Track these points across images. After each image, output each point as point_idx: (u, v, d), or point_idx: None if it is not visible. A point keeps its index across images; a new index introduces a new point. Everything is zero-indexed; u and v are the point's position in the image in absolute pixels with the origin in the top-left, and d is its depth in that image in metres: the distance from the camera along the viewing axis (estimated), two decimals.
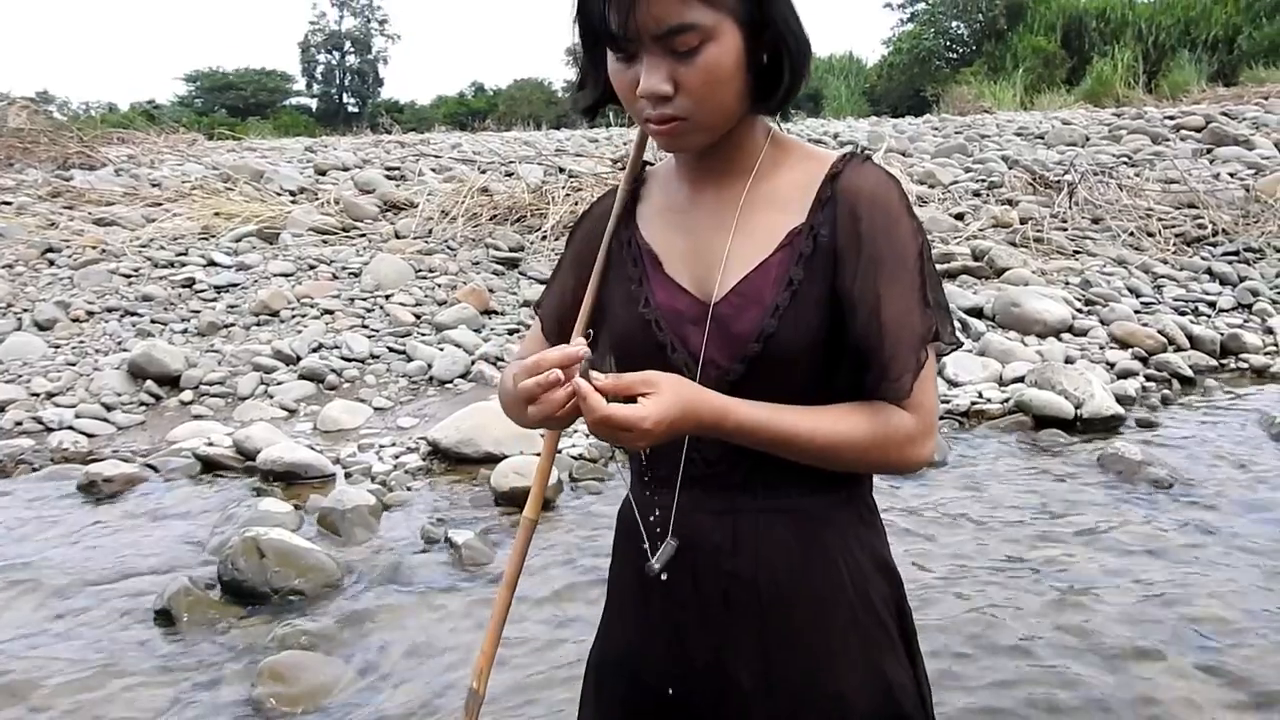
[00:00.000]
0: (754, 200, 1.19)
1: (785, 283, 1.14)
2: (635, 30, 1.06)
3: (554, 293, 1.35)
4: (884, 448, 1.13)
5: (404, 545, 3.42)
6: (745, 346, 1.14)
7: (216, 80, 41.55)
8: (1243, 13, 20.59)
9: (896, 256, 1.13)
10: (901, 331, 1.11)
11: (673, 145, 1.16)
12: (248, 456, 4.17)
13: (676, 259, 1.22)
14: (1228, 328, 5.37)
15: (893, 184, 1.16)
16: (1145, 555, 3.14)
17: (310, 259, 6.68)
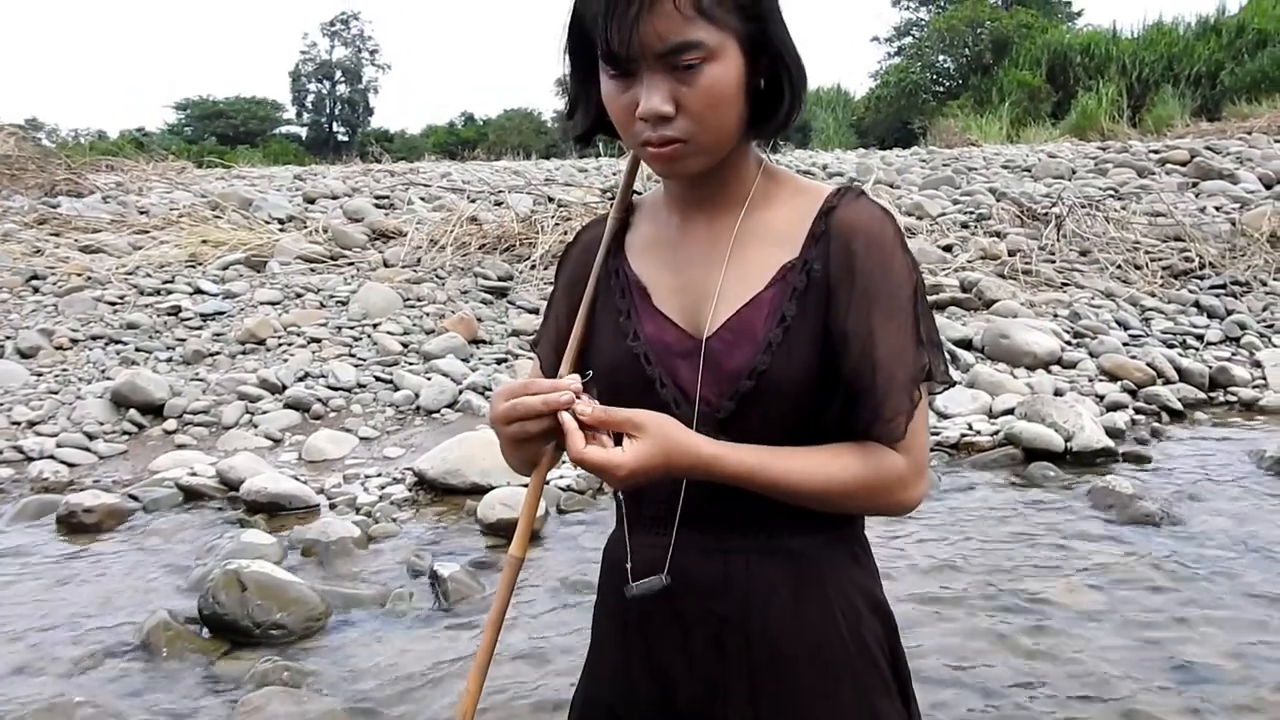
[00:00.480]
0: (746, 233, 1.17)
1: (778, 318, 1.12)
2: (638, 48, 1.04)
3: (549, 328, 1.32)
4: (875, 490, 1.10)
5: (389, 578, 3.37)
6: (737, 383, 1.12)
7: (207, 108, 41.60)
8: (1224, 49, 20.84)
9: (890, 293, 1.11)
10: (895, 370, 1.09)
11: (671, 170, 1.14)
12: (231, 487, 4.12)
13: (666, 292, 1.20)
14: (1216, 361, 5.38)
15: (887, 219, 1.14)
16: (1137, 591, 3.11)
17: (298, 287, 6.64)
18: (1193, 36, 21.96)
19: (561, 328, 1.29)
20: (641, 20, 1.02)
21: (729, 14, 1.05)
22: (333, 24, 49.55)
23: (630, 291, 1.22)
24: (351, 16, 49.75)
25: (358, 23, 49.90)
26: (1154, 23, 23.45)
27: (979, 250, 7.35)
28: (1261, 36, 20.44)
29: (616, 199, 1.28)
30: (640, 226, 1.27)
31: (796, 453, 1.10)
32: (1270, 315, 6.08)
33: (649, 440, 1.04)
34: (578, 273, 1.29)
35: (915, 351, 1.11)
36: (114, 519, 3.88)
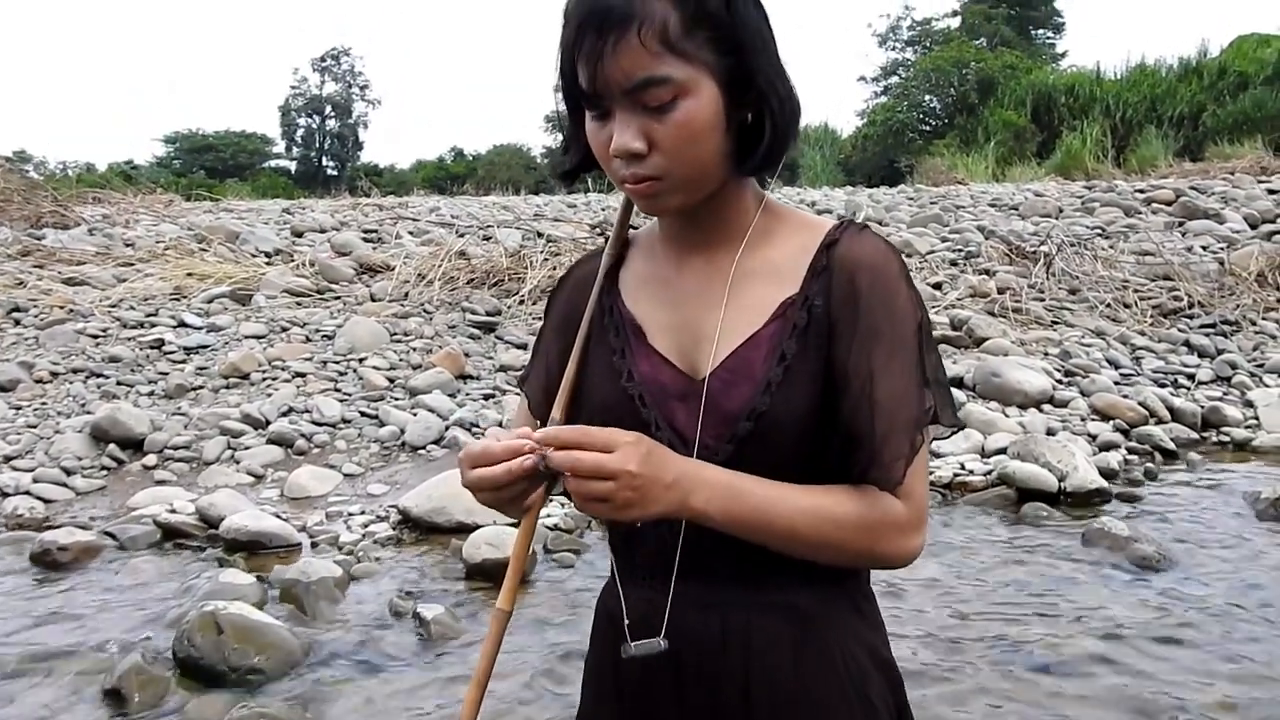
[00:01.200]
0: (745, 270, 1.12)
1: (778, 357, 1.07)
2: (605, 85, 1.00)
3: (538, 366, 1.27)
4: (872, 536, 1.04)
5: (370, 620, 3.28)
6: (735, 425, 1.06)
7: (196, 142, 41.66)
8: (1206, 91, 21.09)
9: (893, 330, 1.06)
10: (896, 412, 1.04)
11: (650, 207, 1.10)
12: (210, 525, 4.03)
13: (661, 330, 1.15)
14: (1208, 400, 5.36)
15: (892, 254, 1.09)
16: (1137, 637, 3.05)
17: (283, 321, 6.58)
18: (1175, 78, 22.22)
19: (552, 366, 1.23)
20: (606, 57, 0.99)
21: (701, 48, 1.01)
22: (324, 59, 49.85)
23: (624, 330, 1.17)
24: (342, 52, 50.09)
25: (348, 58, 50.23)
26: (1137, 64, 23.74)
27: (968, 288, 7.35)
28: (1242, 79, 20.71)
29: (612, 234, 1.23)
30: (635, 263, 1.23)
31: (789, 487, 1.04)
32: (1261, 355, 6.07)
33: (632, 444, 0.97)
34: (570, 310, 1.24)
35: (918, 392, 1.06)
36: (90, 557, 3.79)
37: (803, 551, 1.05)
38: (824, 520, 1.03)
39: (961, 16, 35.96)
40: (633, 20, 0.98)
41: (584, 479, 0.96)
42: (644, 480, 0.96)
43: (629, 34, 0.98)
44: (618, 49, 0.98)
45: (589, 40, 0.99)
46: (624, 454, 0.96)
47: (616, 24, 0.98)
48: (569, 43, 1.02)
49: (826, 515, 1.03)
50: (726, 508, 1.01)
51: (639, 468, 0.96)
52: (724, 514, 1.01)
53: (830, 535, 1.03)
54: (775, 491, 1.03)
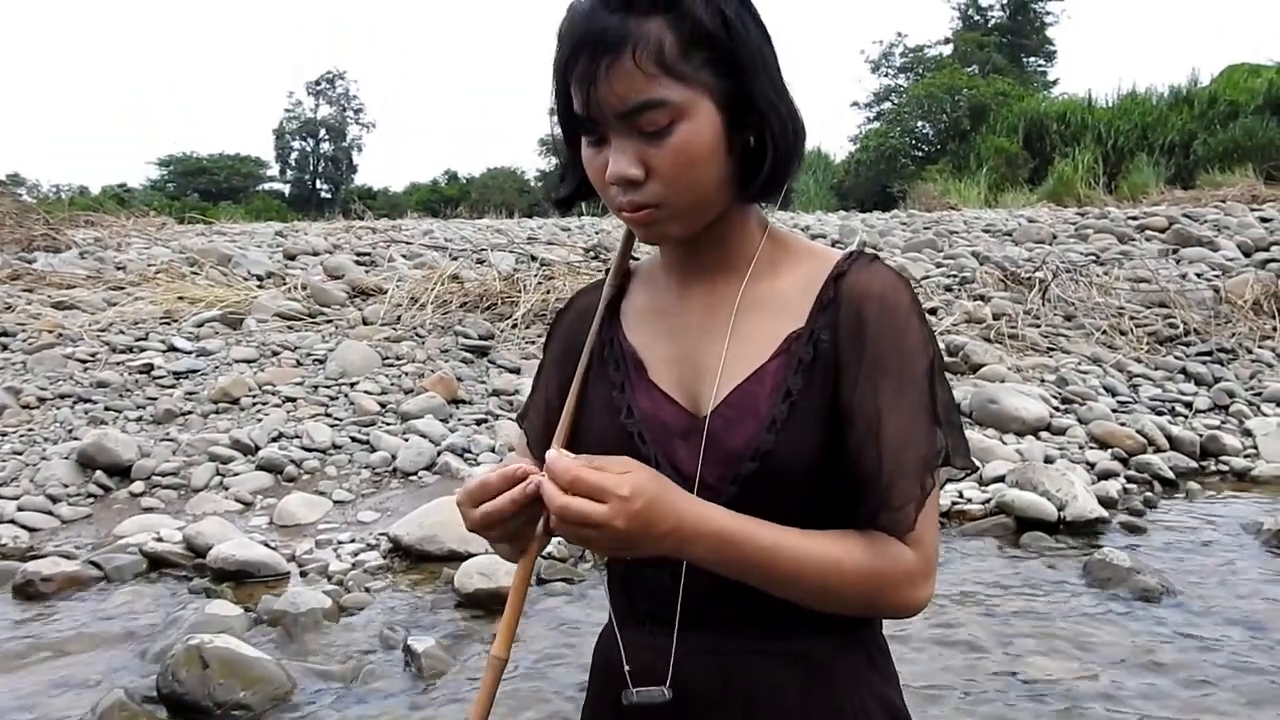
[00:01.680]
0: (749, 302, 1.08)
1: (783, 393, 1.02)
2: (599, 109, 0.97)
3: (537, 401, 1.22)
4: (879, 586, 0.99)
5: (360, 652, 3.21)
6: (739, 465, 1.01)
7: (190, 165, 41.72)
8: (1197, 119, 21.23)
9: (903, 366, 1.01)
10: (904, 454, 0.99)
11: (648, 235, 1.06)
12: (198, 553, 3.96)
13: (662, 364, 1.10)
14: (1206, 429, 5.32)
15: (902, 286, 1.04)
16: (1142, 671, 3.00)
17: (274, 345, 6.52)
18: (1166, 107, 22.38)
19: (551, 400, 1.19)
20: (600, 81, 0.95)
21: (699, 70, 0.97)
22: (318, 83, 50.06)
23: (625, 363, 1.13)
24: (337, 76, 50.32)
25: (343, 82, 50.48)
26: (1128, 92, 23.91)
27: (964, 314, 7.33)
28: (1233, 108, 20.87)
29: (612, 264, 1.19)
30: (637, 294, 1.18)
31: (794, 532, 0.99)
32: (1258, 383, 6.04)
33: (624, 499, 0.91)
34: (570, 341, 1.19)
35: (929, 432, 1.00)
36: (74, 587, 3.72)
37: (806, 600, 1.00)
38: (829, 568, 0.98)
39: (954, 44, 36.27)
40: (627, 42, 0.95)
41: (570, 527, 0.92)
42: (627, 535, 0.91)
43: (623, 57, 0.95)
44: (612, 72, 0.95)
45: (582, 64, 0.96)
46: (612, 509, 0.90)
47: (610, 46, 0.95)
48: (562, 66, 0.99)
49: (832, 563, 0.98)
50: (725, 557, 0.96)
51: (626, 524, 0.91)
52: (722, 563, 0.97)
53: (835, 584, 0.98)
54: (779, 537, 0.98)
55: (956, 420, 1.05)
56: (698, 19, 0.97)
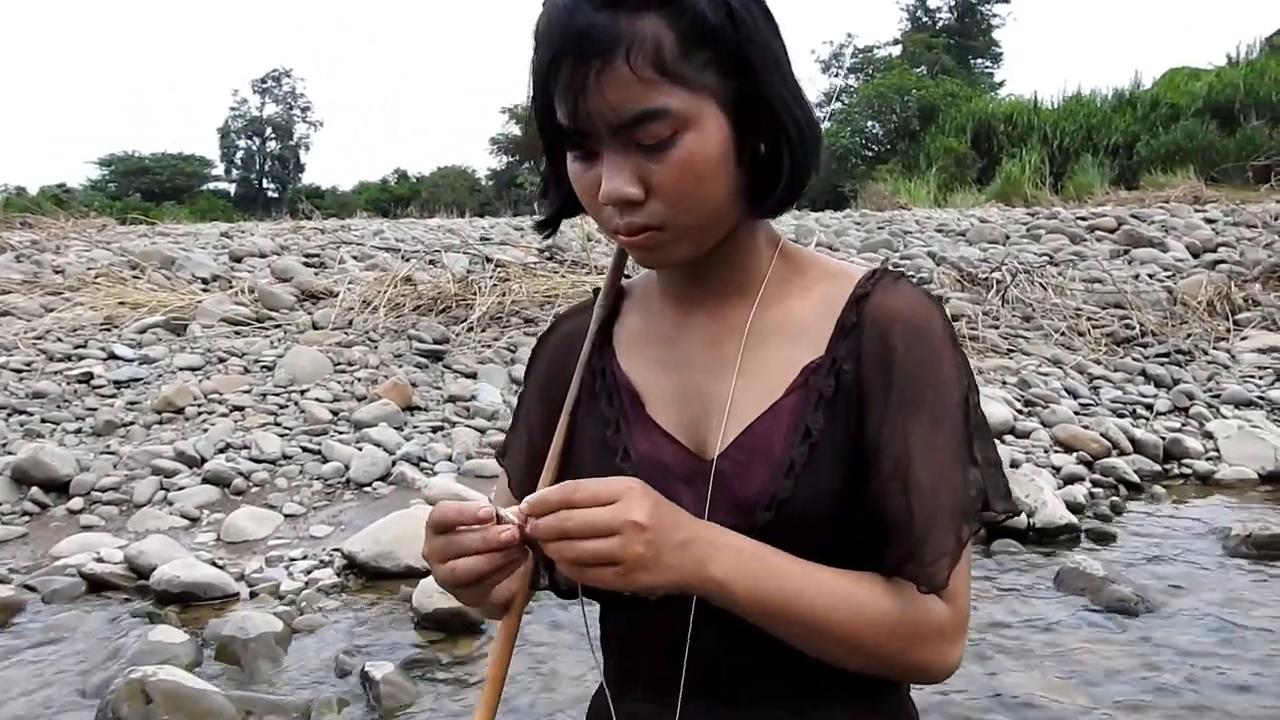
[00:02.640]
0: (760, 329, 0.96)
1: (801, 433, 0.90)
2: (589, 121, 0.83)
3: (519, 437, 1.09)
4: (909, 641, 0.87)
5: (314, 680, 3.06)
6: (753, 515, 0.89)
7: (131, 164, 40.77)
8: (1140, 121, 21.58)
9: (936, 400, 0.89)
10: (939, 500, 0.87)
11: (651, 260, 0.93)
12: (140, 574, 3.76)
13: (662, 399, 0.98)
14: (1168, 432, 5.32)
15: (934, 309, 0.92)
16: (1121, 685, 2.94)
17: (220, 351, 6.30)
18: (1110, 109, 22.73)
19: (535, 438, 1.06)
20: (590, 89, 0.82)
21: (703, 71, 0.84)
22: (264, 81, 49.30)
23: (620, 398, 1.00)
24: (283, 74, 49.58)
25: (289, 80, 49.73)
26: (1073, 94, 24.26)
27: None
28: (1174, 110, 21.24)
29: (604, 285, 1.06)
30: (630, 318, 1.05)
31: (822, 569, 0.87)
32: (1215, 385, 6.07)
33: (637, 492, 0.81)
34: (554, 372, 1.06)
35: (966, 476, 0.89)
36: (7, 613, 3.50)
37: (829, 650, 0.88)
38: (859, 614, 0.86)
39: (903, 45, 36.60)
40: (619, 43, 0.82)
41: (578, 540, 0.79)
42: (654, 533, 0.79)
43: (615, 60, 0.82)
44: (603, 79, 0.82)
45: (567, 69, 0.83)
46: (627, 504, 0.79)
47: (600, 49, 0.82)
48: (544, 73, 0.85)
49: (862, 609, 0.86)
50: (752, 583, 0.84)
51: (648, 519, 0.79)
52: (748, 590, 0.83)
53: (864, 634, 0.87)
54: (808, 572, 0.87)
55: (995, 456, 0.94)
56: (699, 12, 0.84)
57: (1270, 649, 3.16)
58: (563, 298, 7.37)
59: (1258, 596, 3.53)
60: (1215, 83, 21.67)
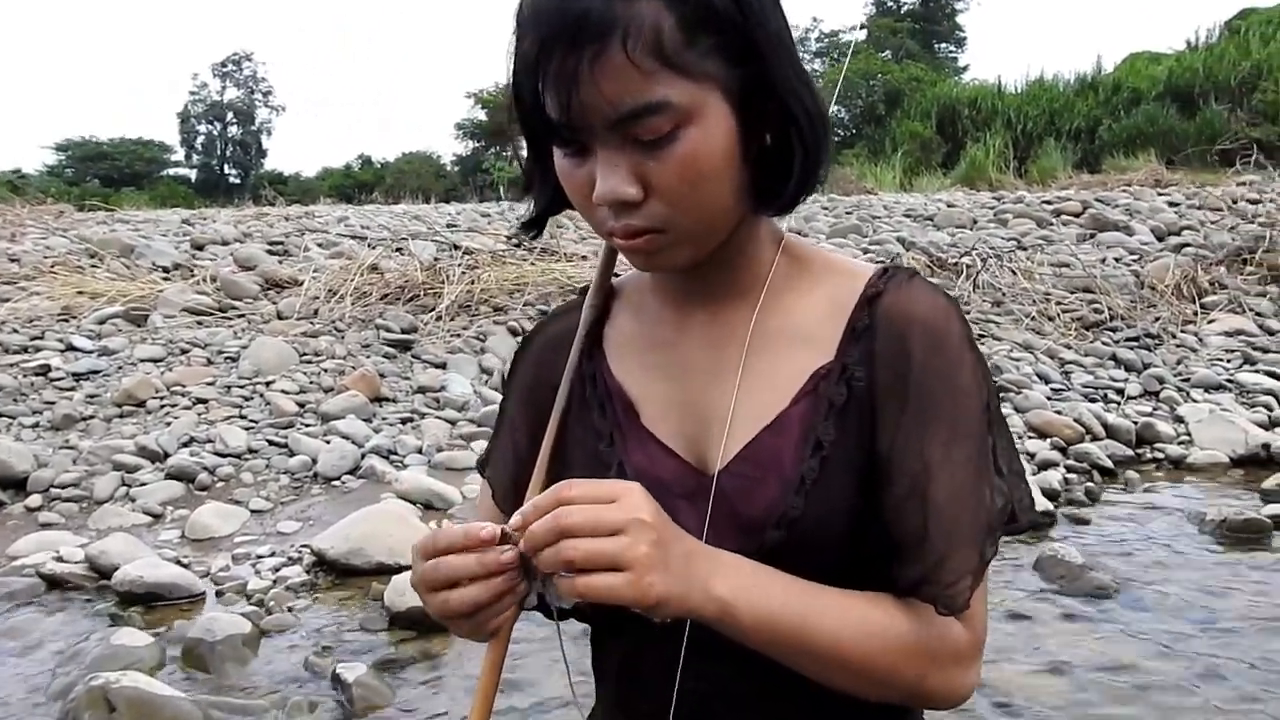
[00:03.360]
0: (764, 333, 0.89)
1: (811, 445, 0.84)
2: (581, 115, 0.75)
3: (503, 449, 1.01)
4: (925, 665, 0.82)
5: (284, 682, 2.98)
6: (761, 535, 0.83)
7: (89, 149, 40.06)
8: (1101, 106, 21.77)
9: (956, 409, 0.83)
10: (959, 518, 0.82)
11: (650, 264, 0.86)
12: (102, 574, 3.66)
13: (659, 409, 0.91)
14: (1140, 416, 5.34)
15: (952, 310, 0.86)
16: (1102, 674, 2.93)
17: (182, 342, 6.16)
18: (1072, 93, 22.93)
19: (521, 450, 0.98)
20: (583, 81, 0.74)
21: (706, 58, 0.77)
22: (224, 65, 48.58)
23: (613, 407, 0.93)
24: (244, 57, 48.89)
25: (250, 64, 49.10)
26: (1036, 79, 24.43)
27: None
28: (1135, 94, 21.45)
29: (593, 283, 0.99)
30: (622, 320, 0.98)
31: (830, 590, 0.81)
32: (1185, 368, 6.11)
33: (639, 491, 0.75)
34: (541, 377, 0.99)
35: (989, 490, 0.83)
36: None
37: (839, 677, 0.82)
38: (873, 638, 0.81)
39: (868, 29, 36.63)
40: (615, 29, 0.74)
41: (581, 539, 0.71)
42: (660, 534, 0.73)
43: (611, 48, 0.74)
44: (598, 70, 0.74)
45: (558, 58, 0.75)
46: (630, 501, 0.73)
47: (594, 36, 0.74)
48: (530, 61, 0.77)
49: (876, 632, 0.81)
50: (756, 603, 0.77)
51: (654, 519, 0.73)
52: (752, 611, 0.77)
53: (878, 659, 0.81)
54: (816, 593, 0.81)
55: (1019, 465, 0.89)
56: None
57: (1247, 635, 3.16)
58: (532, 286, 7.29)
59: (1233, 582, 3.54)
60: (1175, 67, 21.90)
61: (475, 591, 0.76)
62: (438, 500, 4.38)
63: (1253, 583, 3.54)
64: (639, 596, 0.72)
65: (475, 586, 0.76)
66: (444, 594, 0.77)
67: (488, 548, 0.75)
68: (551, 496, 0.74)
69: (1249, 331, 6.74)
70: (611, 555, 0.71)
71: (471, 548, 0.76)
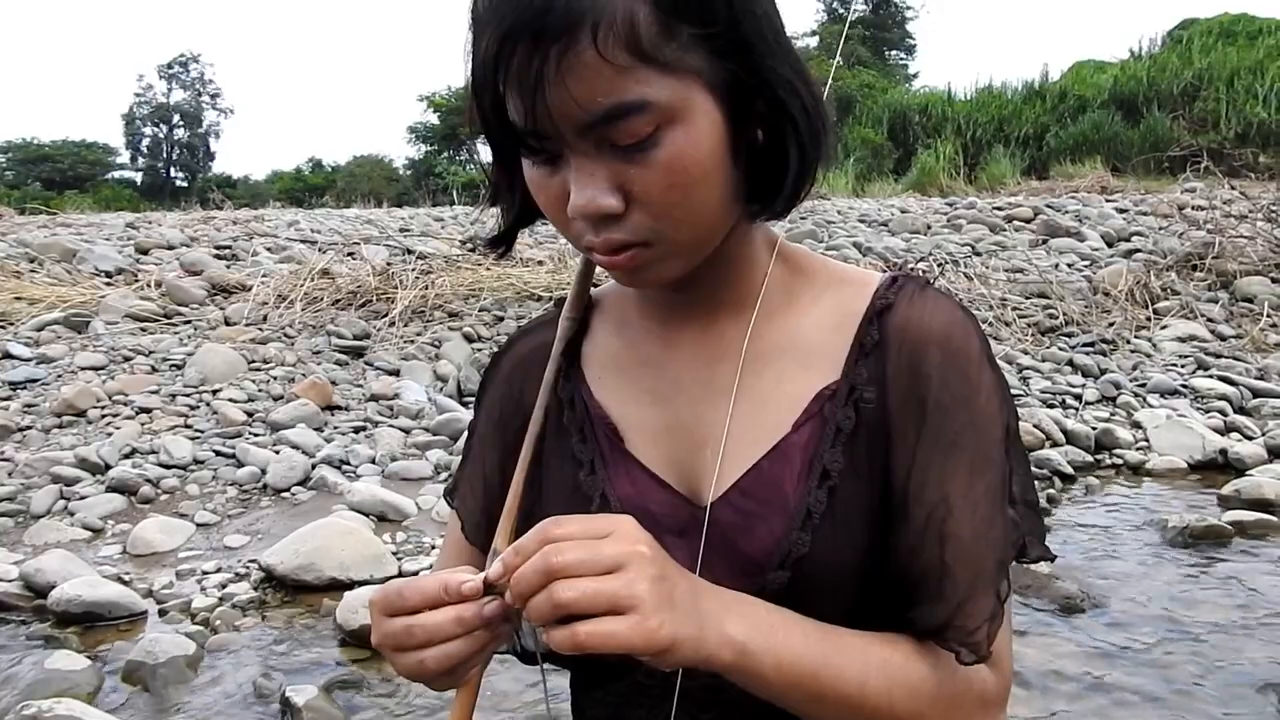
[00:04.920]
0: (761, 348, 0.81)
1: (819, 475, 0.76)
2: (550, 121, 0.67)
3: (472, 476, 0.92)
4: (952, 709, 0.75)
5: (230, 706, 2.85)
6: (762, 575, 0.75)
7: (31, 151, 39.19)
8: (1049, 113, 22.10)
9: (977, 439, 0.76)
10: (982, 557, 0.75)
11: (635, 281, 0.77)
12: (38, 593, 3.49)
13: (646, 434, 0.83)
14: (1098, 422, 5.35)
15: (970, 325, 0.79)
16: (1072, 687, 2.88)
17: (125, 350, 5.98)
18: (1020, 100, 23.27)
19: (491, 479, 0.89)
20: (550, 81, 0.65)
21: (688, 51, 0.68)
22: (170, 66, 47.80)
23: (594, 433, 0.84)
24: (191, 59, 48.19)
25: (197, 65, 48.38)
26: (985, 86, 24.76)
27: None
28: (1081, 102, 21.82)
29: (570, 296, 0.89)
30: (602, 336, 0.89)
31: (849, 633, 0.74)
32: (1141, 374, 6.14)
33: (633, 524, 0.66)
34: (513, 398, 0.90)
35: (1006, 523, 0.76)
36: None
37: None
38: (895, 684, 0.73)
39: (819, 36, 36.91)
40: (584, 22, 0.65)
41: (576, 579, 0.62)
42: (662, 569, 0.64)
43: (580, 43, 0.65)
44: (565, 68, 0.65)
45: (520, 56, 0.66)
46: (624, 533, 0.64)
47: (560, 30, 0.65)
48: (489, 60, 0.67)
49: (900, 678, 0.74)
50: (777, 645, 0.69)
51: (652, 550, 0.64)
52: (774, 656, 0.69)
53: (903, 705, 0.74)
54: (832, 635, 0.73)
55: (1034, 496, 0.82)
56: None
57: (1212, 641, 3.15)
58: (488, 291, 7.18)
59: (1198, 589, 3.53)
60: (1120, 75, 22.32)
61: (457, 649, 0.67)
62: (392, 512, 4.25)
63: (1216, 589, 3.53)
64: (647, 642, 0.62)
65: (455, 644, 0.67)
66: (417, 654, 0.68)
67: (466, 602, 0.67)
68: (536, 536, 0.65)
69: (1201, 337, 6.81)
70: (611, 595, 0.62)
71: (447, 603, 0.67)
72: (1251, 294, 7.48)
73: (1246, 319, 7.13)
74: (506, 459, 0.86)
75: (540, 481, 0.85)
